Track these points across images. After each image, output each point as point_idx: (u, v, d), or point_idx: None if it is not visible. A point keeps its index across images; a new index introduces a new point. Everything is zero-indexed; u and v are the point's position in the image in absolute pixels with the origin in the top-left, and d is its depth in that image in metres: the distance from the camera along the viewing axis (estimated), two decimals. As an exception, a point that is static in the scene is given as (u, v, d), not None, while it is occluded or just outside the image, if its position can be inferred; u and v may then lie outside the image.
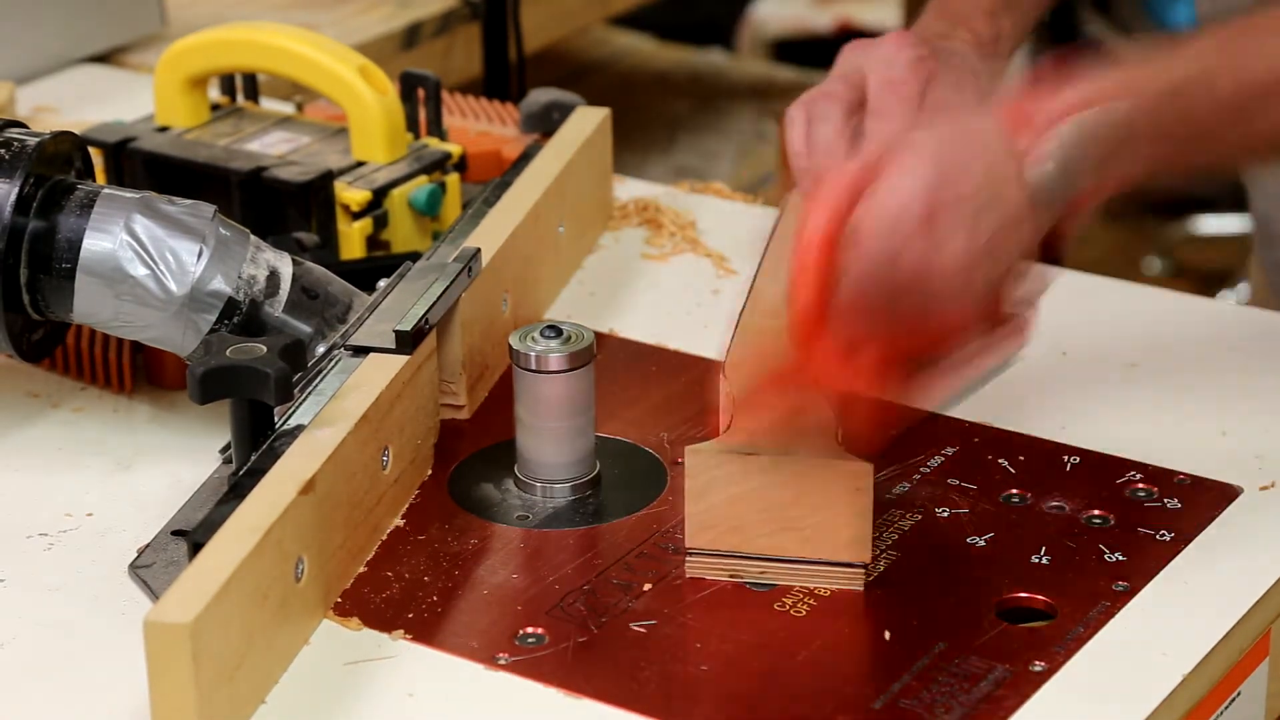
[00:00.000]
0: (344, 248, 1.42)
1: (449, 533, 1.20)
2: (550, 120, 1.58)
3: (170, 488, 1.25)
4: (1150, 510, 1.20)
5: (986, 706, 1.04)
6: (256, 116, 1.53)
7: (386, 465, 1.20)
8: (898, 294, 1.08)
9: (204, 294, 1.24)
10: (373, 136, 1.45)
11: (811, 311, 1.08)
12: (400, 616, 1.13)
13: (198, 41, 1.50)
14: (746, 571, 1.14)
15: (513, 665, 1.09)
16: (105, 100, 1.83)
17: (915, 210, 1.08)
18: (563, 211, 1.48)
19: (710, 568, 1.15)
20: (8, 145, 1.25)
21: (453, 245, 1.35)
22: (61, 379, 1.38)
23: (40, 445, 1.32)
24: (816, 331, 1.08)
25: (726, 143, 2.61)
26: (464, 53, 2.10)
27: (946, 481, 1.23)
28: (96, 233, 1.24)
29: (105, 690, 1.08)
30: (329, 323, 1.28)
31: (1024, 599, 1.13)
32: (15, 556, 1.20)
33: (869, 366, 1.09)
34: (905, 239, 1.07)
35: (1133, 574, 1.14)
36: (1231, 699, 1.13)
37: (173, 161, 1.46)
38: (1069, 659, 1.08)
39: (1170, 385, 1.34)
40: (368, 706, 1.07)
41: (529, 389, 1.22)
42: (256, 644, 1.05)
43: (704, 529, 1.14)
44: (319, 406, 1.17)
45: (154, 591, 1.14)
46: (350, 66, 1.45)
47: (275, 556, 1.07)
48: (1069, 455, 1.25)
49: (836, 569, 1.13)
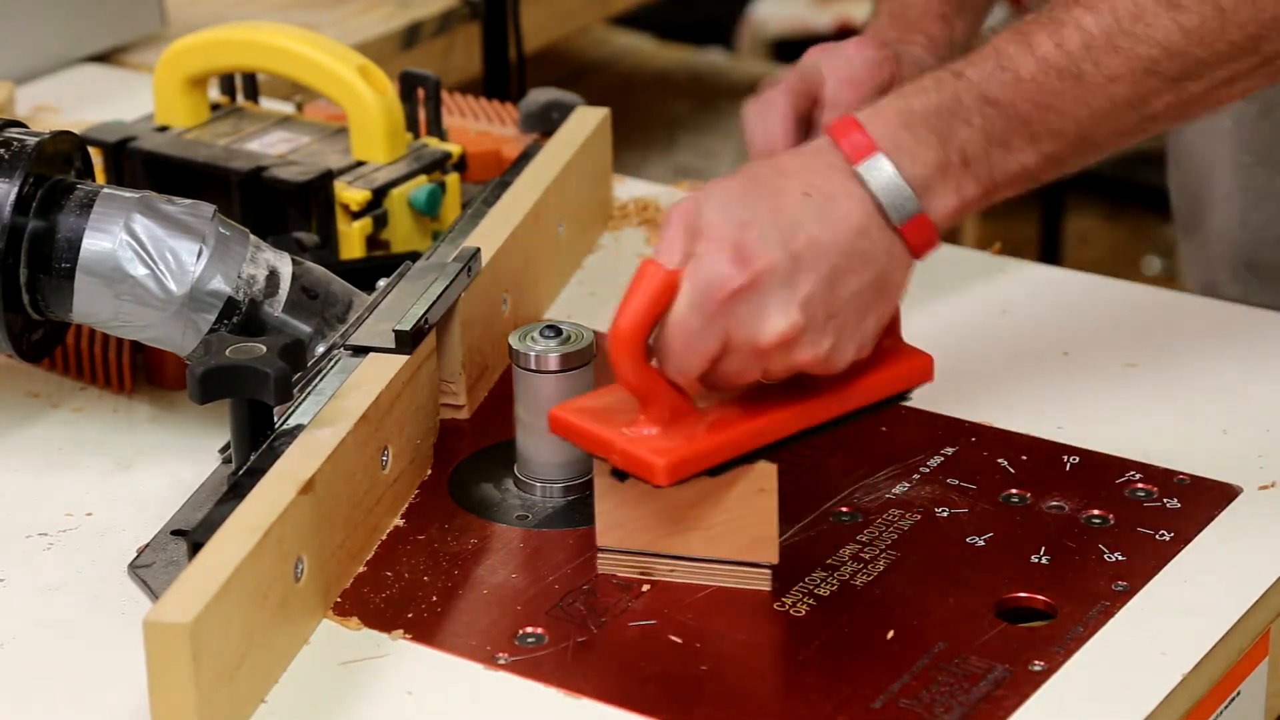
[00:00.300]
0: (344, 247, 1.42)
1: (449, 532, 1.20)
2: (550, 120, 1.58)
3: (170, 487, 1.25)
4: (1150, 510, 1.20)
5: (986, 706, 1.04)
6: (256, 116, 1.53)
7: (386, 465, 1.20)
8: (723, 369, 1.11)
9: (203, 294, 1.24)
10: (372, 136, 1.45)
11: (636, 386, 1.10)
12: (400, 616, 1.13)
13: (198, 41, 1.50)
14: (656, 569, 1.14)
15: (512, 665, 1.09)
16: (105, 100, 1.83)
17: (721, 298, 1.08)
18: (562, 211, 1.48)
19: (621, 565, 1.15)
20: (7, 145, 1.25)
21: (452, 245, 1.35)
22: (61, 379, 1.38)
23: (40, 445, 1.32)
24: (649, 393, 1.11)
25: (726, 143, 2.61)
26: (464, 53, 2.10)
27: (946, 481, 1.23)
28: (96, 232, 1.24)
29: (105, 690, 1.08)
30: (329, 322, 1.28)
31: (1023, 599, 1.13)
32: (15, 556, 1.20)
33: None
34: (718, 326, 1.09)
35: (1132, 574, 1.14)
36: (1231, 699, 1.13)
37: (172, 161, 1.46)
38: (1068, 659, 1.08)
39: (1170, 385, 1.34)
40: (367, 706, 1.07)
41: (529, 389, 1.22)
42: (256, 644, 1.05)
43: (613, 527, 1.14)
44: (319, 406, 1.17)
45: (154, 591, 1.14)
46: (350, 66, 1.45)
47: (275, 556, 1.07)
48: (1068, 455, 1.25)
49: (745, 569, 1.14)
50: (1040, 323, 1.42)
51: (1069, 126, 1.13)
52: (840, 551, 1.17)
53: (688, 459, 1.10)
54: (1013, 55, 1.13)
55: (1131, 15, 1.12)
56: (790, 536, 1.18)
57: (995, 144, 1.13)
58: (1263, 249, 1.49)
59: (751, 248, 1.08)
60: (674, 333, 1.09)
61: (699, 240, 1.09)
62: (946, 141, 1.12)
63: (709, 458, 1.11)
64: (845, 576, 1.15)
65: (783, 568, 1.15)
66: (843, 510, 1.21)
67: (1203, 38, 1.12)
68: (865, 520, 1.20)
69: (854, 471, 1.24)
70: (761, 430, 1.12)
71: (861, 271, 1.11)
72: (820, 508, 1.21)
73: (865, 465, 1.25)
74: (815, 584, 1.14)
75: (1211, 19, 1.11)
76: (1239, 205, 1.49)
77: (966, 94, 1.13)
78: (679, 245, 1.10)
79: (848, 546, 1.17)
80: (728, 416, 1.12)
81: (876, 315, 1.12)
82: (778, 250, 1.09)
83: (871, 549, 1.17)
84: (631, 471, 1.11)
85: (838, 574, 1.15)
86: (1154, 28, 1.12)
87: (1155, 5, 1.12)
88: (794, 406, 1.13)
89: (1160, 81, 1.12)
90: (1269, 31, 1.12)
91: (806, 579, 1.15)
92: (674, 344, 1.09)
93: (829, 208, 1.10)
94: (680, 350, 1.09)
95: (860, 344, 1.12)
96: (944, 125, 1.12)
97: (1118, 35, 1.12)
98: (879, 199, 1.11)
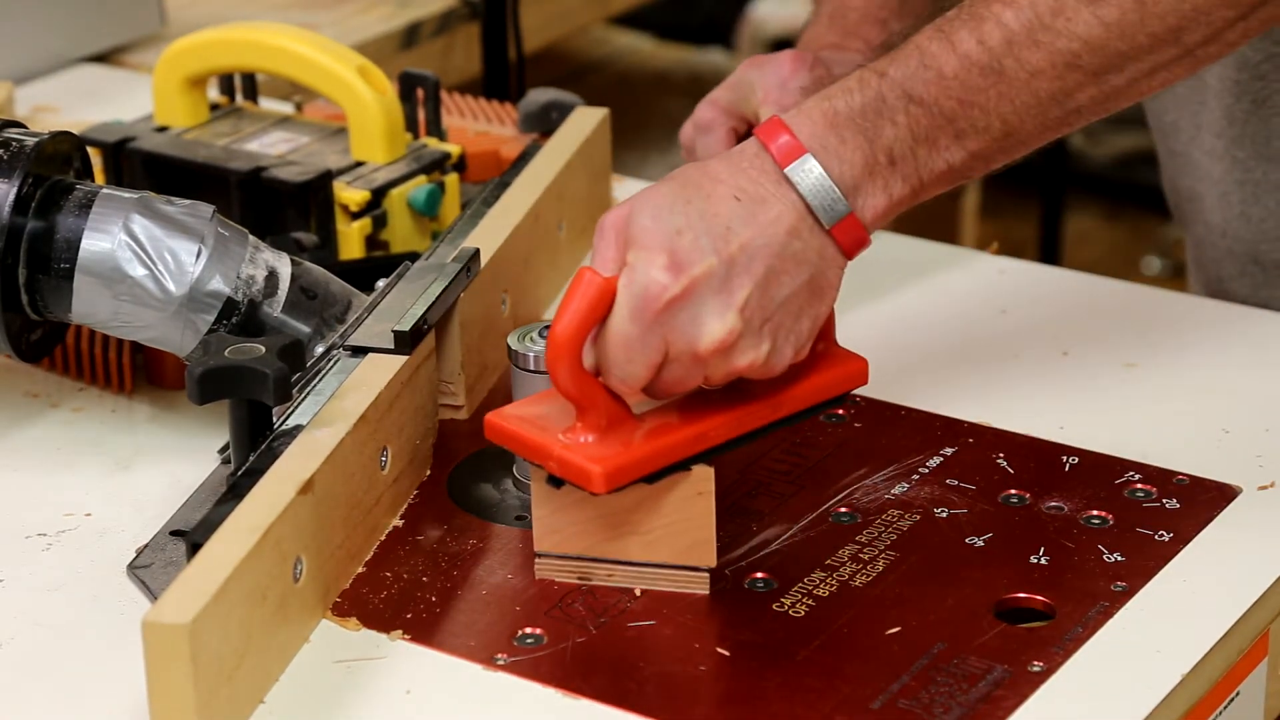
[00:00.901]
0: (343, 247, 1.42)
1: (448, 533, 1.20)
2: (549, 120, 1.58)
3: (169, 488, 1.25)
4: (1149, 510, 1.20)
5: (985, 707, 1.04)
6: (255, 116, 1.53)
7: (385, 465, 1.20)
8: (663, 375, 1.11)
9: (202, 294, 1.24)
10: (372, 136, 1.45)
11: (573, 393, 1.10)
12: (399, 617, 1.13)
13: (197, 41, 1.50)
14: (595, 574, 1.14)
15: (511, 665, 1.09)
16: (105, 100, 1.83)
17: (658, 307, 1.08)
18: (562, 211, 1.48)
19: (559, 570, 1.14)
20: (6, 145, 1.25)
21: (452, 245, 1.35)
22: (61, 379, 1.38)
23: (39, 445, 1.32)
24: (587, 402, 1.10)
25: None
26: (463, 53, 2.10)
27: (945, 482, 1.23)
28: (95, 233, 1.24)
29: (104, 690, 1.08)
30: (328, 323, 1.28)
31: (1023, 599, 1.13)
32: (15, 556, 1.20)
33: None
34: (657, 335, 1.09)
35: (1131, 574, 1.14)
36: (1230, 699, 1.13)
37: (172, 161, 1.46)
38: (1068, 659, 1.08)
39: (1170, 385, 1.34)
40: (366, 707, 1.07)
41: (527, 389, 1.22)
42: (255, 644, 1.05)
43: (551, 532, 1.14)
44: (318, 407, 1.17)
45: (153, 592, 1.14)
46: (349, 66, 1.45)
47: (274, 557, 1.07)
48: (1068, 455, 1.25)
49: (683, 572, 1.13)
50: (1040, 323, 1.42)
51: (994, 123, 1.13)
52: (839, 552, 1.17)
53: (625, 466, 1.09)
54: (935, 53, 1.13)
55: (1052, 10, 1.12)
56: (790, 537, 1.18)
57: (921, 142, 1.13)
58: (1264, 244, 1.49)
59: (685, 254, 1.08)
60: (614, 342, 1.09)
61: (632, 248, 1.09)
62: (873, 141, 1.12)
63: (646, 464, 1.10)
64: (844, 577, 1.15)
65: (783, 568, 1.15)
66: (842, 510, 1.21)
67: (1123, 30, 1.12)
68: (864, 521, 1.20)
69: (853, 472, 1.24)
70: (699, 436, 1.12)
71: (795, 273, 1.11)
72: (820, 508, 1.21)
73: (865, 465, 1.25)
74: (814, 584, 1.14)
75: (1131, 12, 1.11)
76: (1237, 200, 1.49)
77: (890, 93, 1.13)
78: (612, 254, 1.09)
79: (847, 547, 1.17)
80: (665, 423, 1.12)
81: (811, 317, 1.13)
82: (711, 256, 1.09)
83: (871, 549, 1.17)
84: (568, 479, 1.10)
85: (837, 574, 1.15)
86: (1074, 22, 1.12)
87: (1075, 0, 1.12)
88: (731, 412, 1.13)
89: (1082, 75, 1.13)
90: (1189, 23, 1.12)
91: (806, 579, 1.15)
92: (615, 353, 1.09)
93: (759, 211, 1.10)
94: (622, 360, 1.09)
95: (797, 347, 1.13)
96: (869, 125, 1.12)
97: (1039, 30, 1.12)
98: (809, 201, 1.11)
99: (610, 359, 1.09)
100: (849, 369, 1.17)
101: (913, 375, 1.35)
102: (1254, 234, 1.50)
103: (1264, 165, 1.47)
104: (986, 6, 1.13)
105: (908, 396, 1.32)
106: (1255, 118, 1.46)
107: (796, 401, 1.15)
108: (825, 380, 1.16)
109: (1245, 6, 1.13)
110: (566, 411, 1.11)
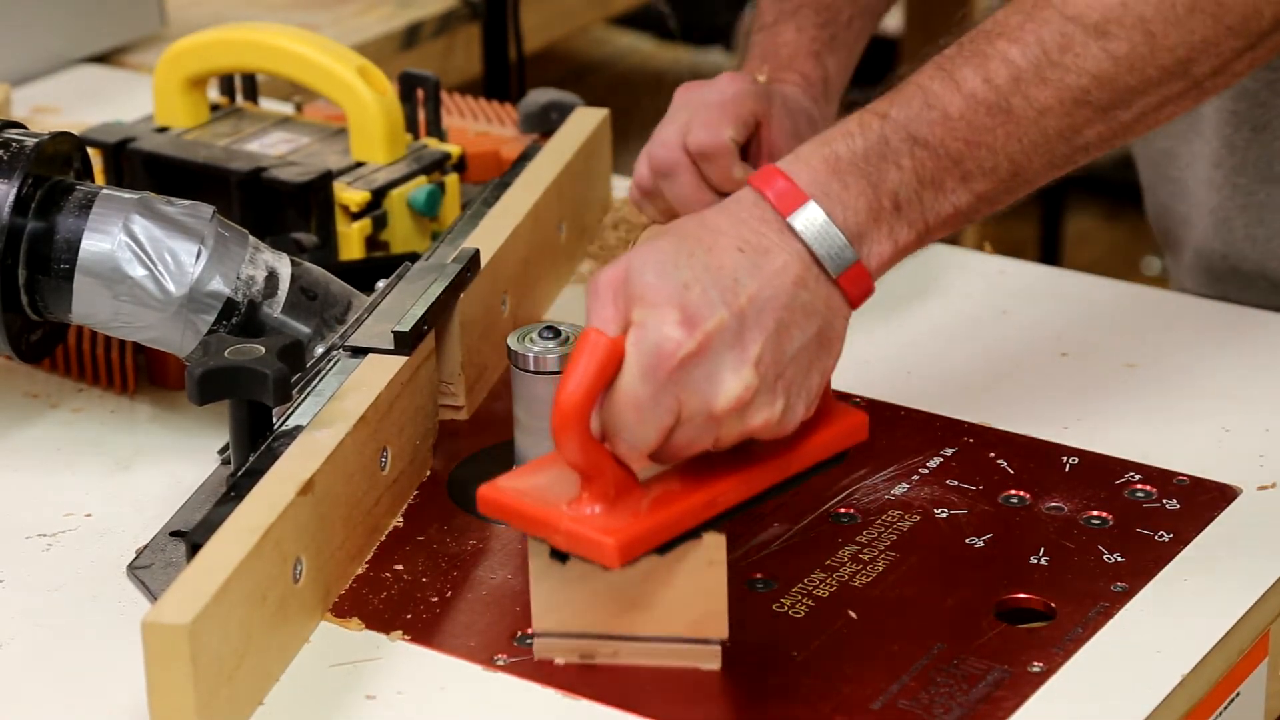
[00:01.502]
0: (343, 248, 1.42)
1: (448, 533, 1.20)
2: (549, 120, 1.58)
3: (169, 488, 1.25)
4: (1149, 511, 1.20)
5: (985, 707, 1.04)
6: (256, 117, 1.53)
7: (385, 466, 1.20)
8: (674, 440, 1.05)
9: (202, 294, 1.24)
10: (372, 137, 1.45)
11: (582, 463, 1.04)
12: (399, 617, 1.13)
13: (197, 42, 1.50)
14: (600, 651, 1.08)
15: (511, 666, 1.09)
16: (105, 100, 1.83)
17: (672, 365, 1.03)
18: (562, 212, 1.48)
19: (560, 649, 1.08)
20: (6, 146, 1.25)
21: (452, 246, 1.35)
22: (61, 379, 1.38)
23: (39, 445, 1.32)
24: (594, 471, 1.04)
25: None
26: (463, 53, 2.10)
27: (945, 482, 1.23)
28: (95, 233, 1.24)
29: (104, 691, 1.08)
30: (328, 323, 1.28)
31: (1023, 600, 1.13)
32: (15, 556, 1.20)
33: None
34: (670, 396, 1.03)
35: (1131, 575, 1.14)
36: (1230, 699, 1.13)
37: (172, 162, 1.46)
38: (1068, 660, 1.08)
39: (1170, 385, 1.34)
40: (366, 707, 1.07)
41: (527, 390, 1.22)
42: (255, 645, 1.05)
43: (551, 610, 1.08)
44: (318, 407, 1.17)
45: (152, 592, 1.14)
46: (349, 67, 1.45)
47: (274, 557, 1.07)
48: (1068, 456, 1.25)
49: (694, 646, 1.08)
50: (1040, 323, 1.42)
51: (1001, 163, 1.10)
52: (839, 552, 1.17)
53: (638, 537, 1.03)
54: (939, 93, 1.09)
55: (1059, 46, 1.09)
56: (790, 537, 1.18)
57: (927, 185, 1.09)
58: (1273, 261, 1.49)
59: (696, 309, 1.03)
60: (624, 405, 1.03)
61: (637, 305, 1.03)
62: (877, 186, 1.08)
63: (658, 535, 1.04)
64: (844, 577, 1.15)
65: (783, 568, 1.15)
66: (842, 511, 1.21)
67: (1133, 64, 1.09)
68: (864, 521, 1.20)
69: (854, 472, 1.24)
70: (709, 502, 1.06)
71: (805, 326, 1.06)
72: (820, 508, 1.21)
73: (865, 466, 1.25)
74: (814, 585, 1.14)
75: (1141, 45, 1.09)
76: (1241, 224, 1.49)
77: (894, 135, 1.09)
78: (611, 313, 1.04)
79: (847, 547, 1.17)
80: (672, 490, 1.06)
81: (820, 370, 1.08)
82: (722, 309, 1.04)
83: (871, 550, 1.17)
84: (577, 553, 1.04)
85: (837, 575, 1.15)
86: (1083, 57, 1.09)
87: (1083, 34, 1.09)
88: (738, 474, 1.07)
89: (1091, 111, 1.10)
90: (1198, 54, 1.10)
91: (805, 580, 1.15)
92: (625, 417, 1.03)
93: (764, 262, 1.06)
94: (633, 423, 1.03)
95: (808, 402, 1.08)
96: (873, 169, 1.08)
97: (1047, 67, 1.09)
98: (814, 249, 1.07)
99: (620, 423, 1.03)
100: (850, 423, 1.12)
101: (913, 375, 1.35)
102: (1260, 253, 1.50)
103: (1267, 188, 1.47)
104: (989, 43, 1.10)
105: (908, 396, 1.32)
106: (1256, 144, 1.46)
107: (803, 459, 1.10)
108: (828, 437, 1.11)
109: (1254, 35, 1.11)
110: (565, 480, 1.05)
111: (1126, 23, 1.09)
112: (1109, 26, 1.09)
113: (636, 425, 1.03)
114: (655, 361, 1.02)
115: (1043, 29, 1.10)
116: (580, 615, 1.08)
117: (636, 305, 1.04)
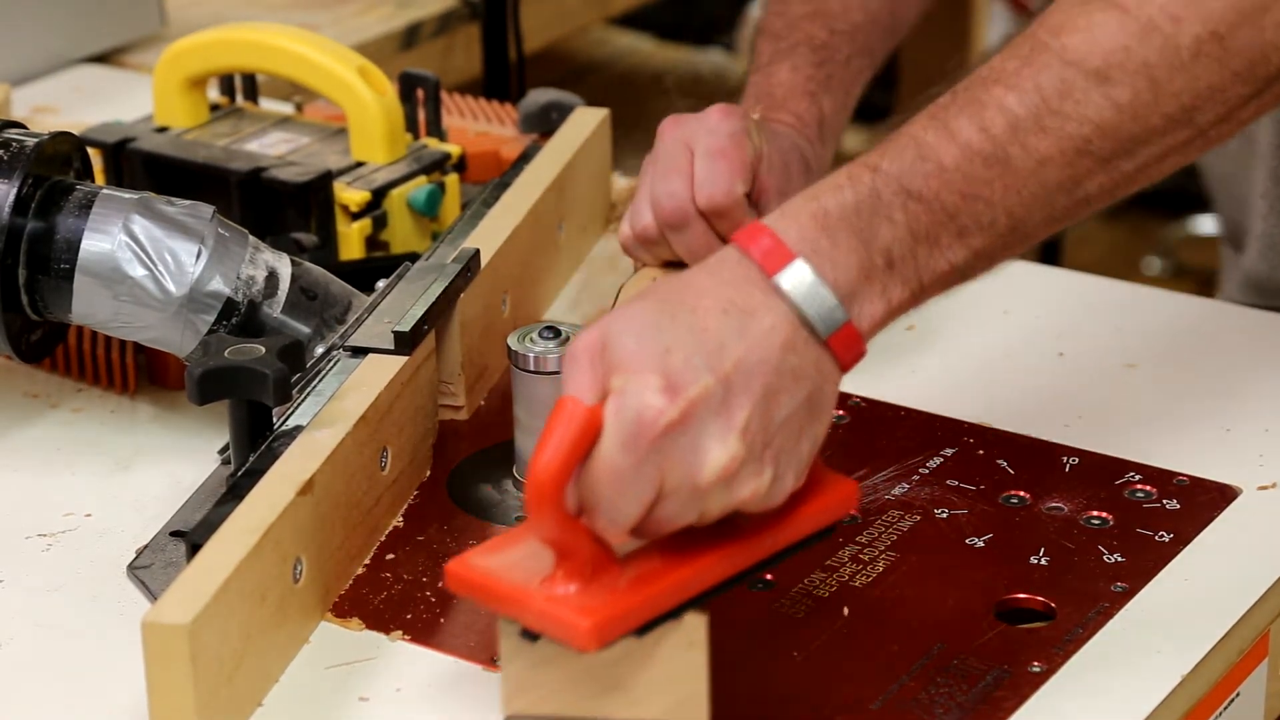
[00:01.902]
0: (343, 248, 1.42)
1: (448, 533, 1.20)
2: (549, 120, 1.58)
3: (169, 488, 1.25)
4: (1149, 511, 1.20)
5: (985, 707, 1.04)
6: (255, 117, 1.53)
7: (385, 466, 1.20)
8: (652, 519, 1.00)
9: (202, 294, 1.24)
10: (372, 137, 1.45)
11: (557, 539, 0.99)
12: (399, 617, 1.13)
13: (197, 42, 1.50)
14: None
15: (511, 666, 1.09)
16: (105, 100, 1.83)
17: (654, 435, 0.97)
18: (562, 211, 1.48)
19: None
20: (6, 146, 1.25)
21: (452, 246, 1.35)
22: (61, 379, 1.38)
23: (39, 445, 1.32)
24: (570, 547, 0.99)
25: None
26: (463, 53, 2.10)
27: (945, 482, 1.23)
28: (95, 233, 1.24)
29: (104, 691, 1.08)
30: (328, 323, 1.28)
31: (1023, 600, 1.13)
32: (15, 557, 1.20)
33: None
34: (652, 467, 0.97)
35: (1132, 575, 1.14)
36: (1230, 700, 1.13)
37: (172, 162, 1.46)
38: (1068, 660, 1.08)
39: (1170, 385, 1.34)
40: (366, 707, 1.07)
41: (527, 390, 1.22)
42: (254, 645, 1.05)
43: (522, 691, 1.02)
44: (318, 407, 1.17)
45: (152, 592, 1.14)
46: (349, 67, 1.45)
47: (274, 557, 1.07)
48: (1068, 456, 1.25)
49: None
50: (1040, 323, 1.42)
51: (999, 216, 1.04)
52: (839, 552, 1.17)
53: (615, 618, 0.98)
54: (932, 143, 1.04)
55: (1059, 93, 1.04)
56: (789, 537, 1.18)
57: (922, 241, 1.04)
58: None
59: (679, 375, 0.97)
60: (603, 478, 0.97)
61: (616, 372, 0.98)
62: (868, 243, 1.03)
63: (637, 615, 0.99)
64: (844, 578, 1.15)
65: (782, 568, 1.15)
66: (842, 511, 1.21)
67: (1136, 112, 1.04)
68: (864, 521, 1.20)
69: (854, 472, 1.24)
70: (689, 580, 1.00)
71: (794, 391, 1.00)
72: (819, 508, 1.21)
73: (865, 466, 1.25)
74: (814, 585, 1.14)
75: (1145, 92, 1.04)
76: None
77: (886, 188, 1.03)
78: (588, 381, 0.98)
79: (847, 547, 1.17)
80: (651, 567, 1.00)
81: (810, 439, 1.02)
82: (707, 375, 0.98)
83: (871, 550, 1.17)
84: (550, 634, 0.98)
85: (837, 575, 1.15)
86: (1084, 105, 1.04)
87: (1084, 80, 1.04)
88: (722, 549, 1.02)
89: (1093, 161, 1.05)
90: (1203, 102, 1.06)
91: (805, 580, 1.14)
92: (604, 490, 0.97)
93: (750, 324, 1.00)
94: (612, 496, 0.97)
95: (797, 472, 1.02)
96: (864, 225, 1.02)
97: (1046, 115, 1.04)
98: (803, 310, 1.01)
99: (598, 496, 0.97)
100: (839, 494, 1.06)
101: (913, 375, 1.35)
102: None
103: None
104: (985, 91, 1.05)
105: (908, 396, 1.32)
106: None
107: (791, 533, 1.04)
108: (818, 508, 1.05)
109: (1261, 81, 1.06)
110: (536, 556, 1.00)
111: (1129, 68, 1.04)
112: (1111, 72, 1.04)
113: (616, 499, 0.97)
114: (636, 431, 0.97)
115: (1041, 75, 1.04)
116: (553, 697, 1.02)
117: (615, 372, 0.98)
